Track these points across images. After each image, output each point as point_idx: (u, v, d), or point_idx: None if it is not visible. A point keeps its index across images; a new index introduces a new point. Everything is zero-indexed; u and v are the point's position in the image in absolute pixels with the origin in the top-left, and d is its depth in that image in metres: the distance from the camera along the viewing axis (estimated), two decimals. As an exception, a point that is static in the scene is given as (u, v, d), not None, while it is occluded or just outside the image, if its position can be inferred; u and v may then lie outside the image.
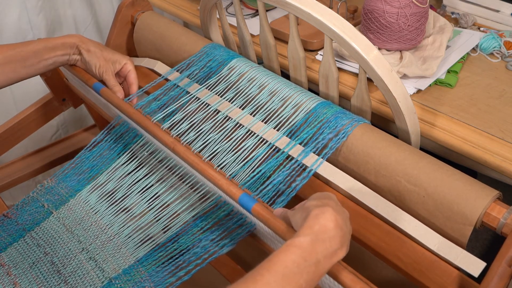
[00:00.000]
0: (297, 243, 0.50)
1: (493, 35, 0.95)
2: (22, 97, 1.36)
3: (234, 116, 0.80)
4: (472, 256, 0.58)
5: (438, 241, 0.60)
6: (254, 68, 0.85)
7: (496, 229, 0.60)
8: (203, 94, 0.86)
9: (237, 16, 0.89)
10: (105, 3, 1.47)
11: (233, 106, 0.82)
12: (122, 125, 0.92)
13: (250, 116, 0.80)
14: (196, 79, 0.90)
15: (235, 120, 0.80)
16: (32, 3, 1.28)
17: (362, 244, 0.69)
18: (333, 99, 0.81)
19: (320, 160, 0.70)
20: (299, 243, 0.50)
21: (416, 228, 0.62)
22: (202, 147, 0.78)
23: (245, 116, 0.80)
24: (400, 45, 0.90)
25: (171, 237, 0.77)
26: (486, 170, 0.79)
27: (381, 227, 0.69)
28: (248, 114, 0.80)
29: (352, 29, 0.68)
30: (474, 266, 0.57)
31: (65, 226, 0.85)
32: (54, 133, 1.49)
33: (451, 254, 0.59)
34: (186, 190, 0.80)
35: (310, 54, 0.97)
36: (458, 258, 0.58)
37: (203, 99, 0.85)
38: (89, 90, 0.96)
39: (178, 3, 1.24)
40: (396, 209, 0.64)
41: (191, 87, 0.88)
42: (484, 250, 1.03)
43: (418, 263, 0.64)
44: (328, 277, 0.57)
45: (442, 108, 0.82)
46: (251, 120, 0.78)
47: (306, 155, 0.71)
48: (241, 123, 0.79)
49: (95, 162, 0.91)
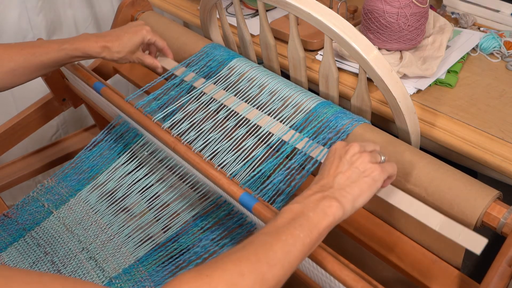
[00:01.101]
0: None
1: (493, 35, 0.95)
2: (22, 97, 1.36)
3: (240, 111, 0.80)
4: (474, 233, 0.57)
5: (440, 221, 0.59)
6: (254, 68, 0.85)
7: (496, 229, 0.60)
8: (209, 89, 0.85)
9: (237, 16, 0.89)
10: (105, 3, 1.47)
11: (239, 100, 0.81)
12: (122, 124, 0.92)
13: (256, 110, 0.79)
14: (196, 79, 0.90)
15: (241, 115, 0.79)
16: (32, 3, 1.28)
17: (362, 244, 0.69)
18: (333, 99, 0.81)
19: (319, 159, 0.70)
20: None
21: (418, 209, 0.61)
22: (202, 147, 0.78)
23: (252, 110, 0.79)
24: (400, 45, 0.90)
25: (171, 237, 0.77)
26: (486, 170, 0.79)
27: (381, 227, 0.70)
28: (254, 108, 0.79)
29: (352, 29, 0.68)
30: (476, 243, 0.56)
31: (65, 225, 0.85)
32: (54, 133, 1.49)
33: (453, 232, 0.58)
34: (186, 189, 0.81)
35: (310, 54, 0.97)
36: (460, 236, 0.57)
37: (210, 94, 0.84)
38: (89, 90, 0.96)
39: (178, 3, 1.24)
40: (395, 189, 0.63)
41: (197, 82, 0.88)
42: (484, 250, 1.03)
43: (418, 263, 0.64)
44: (329, 276, 0.57)
45: (442, 108, 0.82)
46: (257, 114, 0.78)
47: (307, 154, 0.71)
48: (247, 117, 0.79)
49: (95, 161, 0.91)
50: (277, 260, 0.48)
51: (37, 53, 0.83)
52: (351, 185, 0.55)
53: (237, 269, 0.45)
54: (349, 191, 0.55)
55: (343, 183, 0.55)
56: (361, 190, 0.55)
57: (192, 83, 0.88)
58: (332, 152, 0.60)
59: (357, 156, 0.58)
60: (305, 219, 0.51)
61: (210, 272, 0.44)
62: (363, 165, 0.57)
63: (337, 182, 0.56)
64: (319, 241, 0.52)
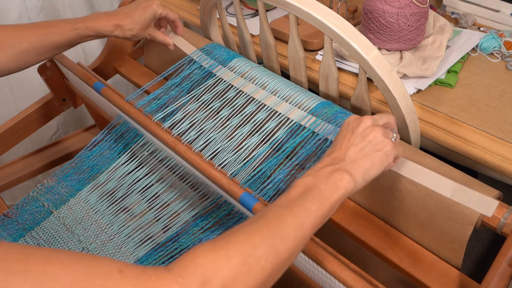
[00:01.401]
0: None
1: (493, 35, 0.95)
2: (22, 97, 1.36)
3: (257, 96, 0.80)
4: (485, 196, 0.57)
5: (451, 188, 0.59)
6: (254, 68, 0.85)
7: (497, 229, 0.60)
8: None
9: (237, 16, 0.89)
10: (105, 3, 1.47)
11: (257, 87, 0.82)
12: (122, 124, 0.92)
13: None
14: (196, 78, 0.90)
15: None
16: (32, 3, 1.28)
17: (362, 244, 0.69)
18: (333, 99, 0.81)
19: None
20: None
21: (428, 178, 0.61)
22: (202, 147, 0.78)
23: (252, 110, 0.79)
24: (400, 45, 0.90)
25: (171, 237, 0.77)
26: (486, 170, 0.79)
27: (381, 227, 0.70)
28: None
29: (352, 29, 0.68)
30: (488, 207, 0.56)
31: (65, 225, 0.85)
32: (54, 133, 1.49)
33: (465, 198, 0.58)
34: (186, 189, 0.81)
35: (310, 54, 0.97)
36: (472, 201, 0.57)
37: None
38: (89, 90, 0.96)
39: (178, 3, 1.24)
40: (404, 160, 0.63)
41: (216, 69, 0.88)
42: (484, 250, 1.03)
43: (418, 263, 0.64)
44: (329, 276, 0.57)
45: (442, 108, 0.82)
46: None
47: (307, 152, 0.71)
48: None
49: (95, 161, 0.91)
50: (290, 233, 0.48)
51: (50, 33, 0.82)
52: (363, 158, 0.55)
53: (250, 242, 0.46)
54: (360, 164, 0.55)
55: (354, 156, 0.55)
56: (372, 164, 0.55)
57: (214, 68, 0.88)
58: (345, 126, 0.60)
59: (370, 129, 0.57)
60: (317, 192, 0.51)
61: (224, 244, 0.45)
62: (375, 139, 0.57)
63: (349, 155, 0.56)
64: (330, 214, 0.52)
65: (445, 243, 0.64)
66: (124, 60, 1.18)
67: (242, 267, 0.43)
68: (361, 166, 0.55)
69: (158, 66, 1.11)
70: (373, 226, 0.69)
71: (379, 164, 0.56)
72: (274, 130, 0.76)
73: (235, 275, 0.43)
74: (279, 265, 0.46)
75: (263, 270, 0.45)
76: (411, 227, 0.67)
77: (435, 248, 0.66)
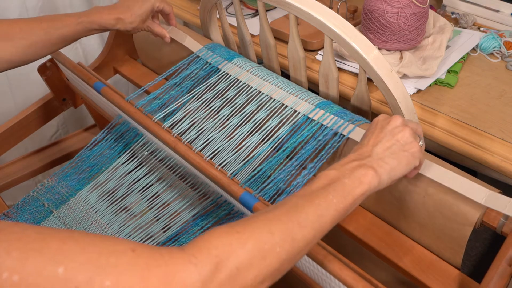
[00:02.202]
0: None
1: (493, 35, 0.95)
2: (22, 97, 1.36)
3: (264, 90, 0.80)
4: None
5: (484, 195, 0.59)
6: (254, 68, 0.85)
7: (496, 228, 0.60)
8: (234, 71, 0.86)
9: (237, 16, 0.89)
10: (105, 3, 1.47)
11: (265, 82, 0.82)
12: (122, 124, 0.92)
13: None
14: (196, 78, 0.90)
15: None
16: (32, 3, 1.28)
17: (362, 244, 0.69)
18: (333, 99, 0.81)
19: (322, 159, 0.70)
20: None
21: (462, 185, 0.60)
22: (203, 146, 0.78)
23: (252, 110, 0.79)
24: (400, 45, 0.90)
25: (171, 236, 0.77)
26: (486, 170, 0.79)
27: (381, 227, 0.70)
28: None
29: (352, 29, 0.68)
30: None
31: (66, 225, 0.85)
32: (54, 133, 1.49)
33: (499, 205, 0.58)
34: (186, 189, 0.81)
35: (310, 54, 0.97)
36: (507, 207, 0.57)
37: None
38: (89, 90, 0.96)
39: (178, 3, 1.24)
40: (432, 164, 0.62)
41: (221, 65, 0.88)
42: (484, 250, 1.03)
43: (418, 263, 0.64)
44: (329, 276, 0.57)
45: (442, 108, 0.82)
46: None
47: (308, 153, 0.71)
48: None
49: (96, 161, 0.91)
50: (309, 222, 0.47)
51: (56, 26, 0.83)
52: (390, 156, 0.55)
53: (267, 228, 0.45)
54: (387, 161, 0.54)
55: (381, 153, 0.55)
56: (399, 163, 0.55)
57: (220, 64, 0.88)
58: (375, 123, 0.59)
59: (400, 128, 0.57)
60: (340, 185, 0.51)
61: (241, 228, 0.44)
62: (404, 138, 0.56)
63: (376, 152, 0.55)
64: (352, 208, 0.52)
65: (444, 243, 0.64)
66: (124, 60, 1.18)
67: (258, 253, 0.43)
68: (387, 163, 0.54)
69: (151, 59, 1.11)
70: (373, 226, 0.70)
71: (405, 164, 0.55)
72: (275, 128, 0.76)
73: (250, 259, 0.43)
74: (295, 253, 0.46)
75: (278, 256, 0.44)
76: (411, 227, 0.67)
77: (435, 248, 0.66)
